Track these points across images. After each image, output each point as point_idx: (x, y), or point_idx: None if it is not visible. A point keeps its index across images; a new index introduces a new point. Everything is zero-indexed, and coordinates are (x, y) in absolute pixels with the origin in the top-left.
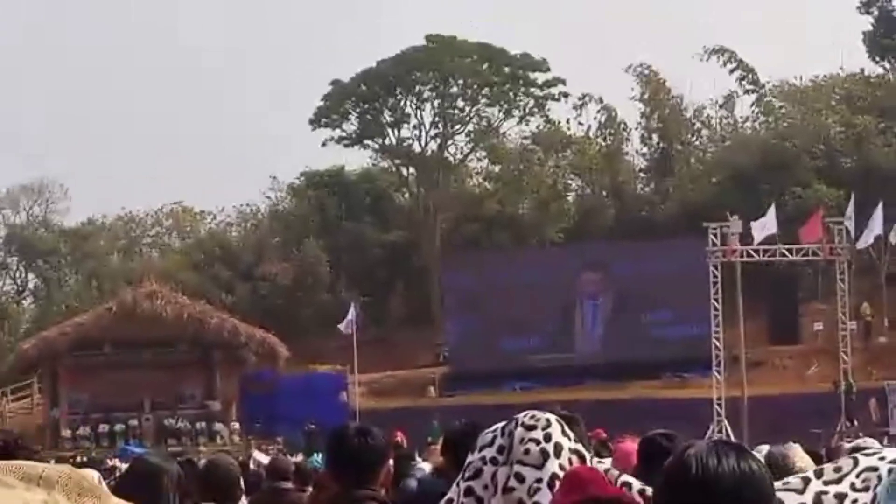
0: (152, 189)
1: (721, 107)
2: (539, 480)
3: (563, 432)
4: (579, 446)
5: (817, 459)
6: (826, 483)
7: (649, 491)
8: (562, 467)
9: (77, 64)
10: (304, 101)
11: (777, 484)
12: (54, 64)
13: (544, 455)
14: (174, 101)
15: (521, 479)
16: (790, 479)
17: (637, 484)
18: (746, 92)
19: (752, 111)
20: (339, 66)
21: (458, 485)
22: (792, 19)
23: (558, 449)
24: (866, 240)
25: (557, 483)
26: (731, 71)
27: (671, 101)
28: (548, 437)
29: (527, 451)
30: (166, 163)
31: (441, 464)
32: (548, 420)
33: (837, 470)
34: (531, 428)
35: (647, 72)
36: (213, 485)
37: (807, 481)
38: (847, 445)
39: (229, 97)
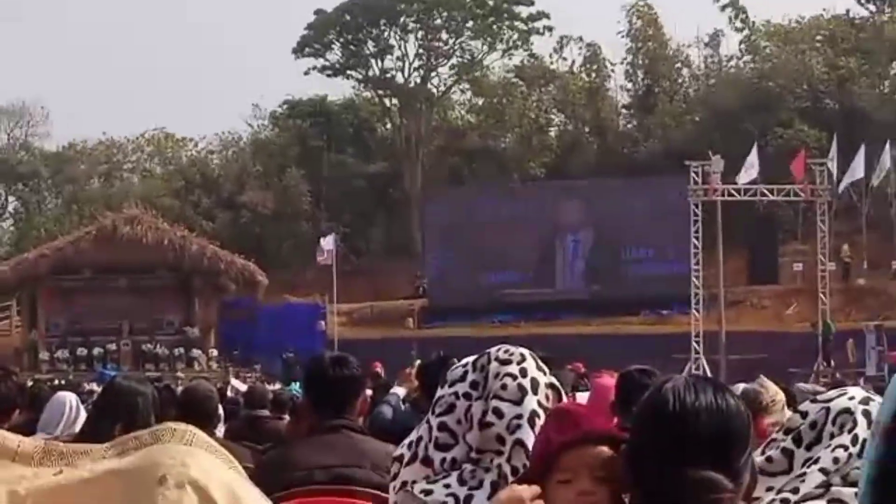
0: (134, 115)
1: (706, 45)
2: (519, 416)
3: (538, 367)
4: (554, 380)
5: (791, 398)
6: (809, 447)
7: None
8: (540, 403)
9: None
10: (288, 29)
11: (758, 460)
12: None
13: (522, 391)
14: (160, 28)
15: (499, 414)
16: (770, 454)
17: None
18: (736, 30)
19: (739, 49)
20: None
21: (428, 421)
22: None
23: (535, 384)
24: (848, 181)
25: (537, 420)
26: (723, 8)
27: (659, 38)
28: (524, 372)
29: (503, 387)
30: (149, 89)
31: (415, 389)
32: (522, 354)
33: (813, 426)
34: (506, 362)
35: (641, 5)
36: (191, 411)
37: (790, 454)
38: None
39: (214, 25)
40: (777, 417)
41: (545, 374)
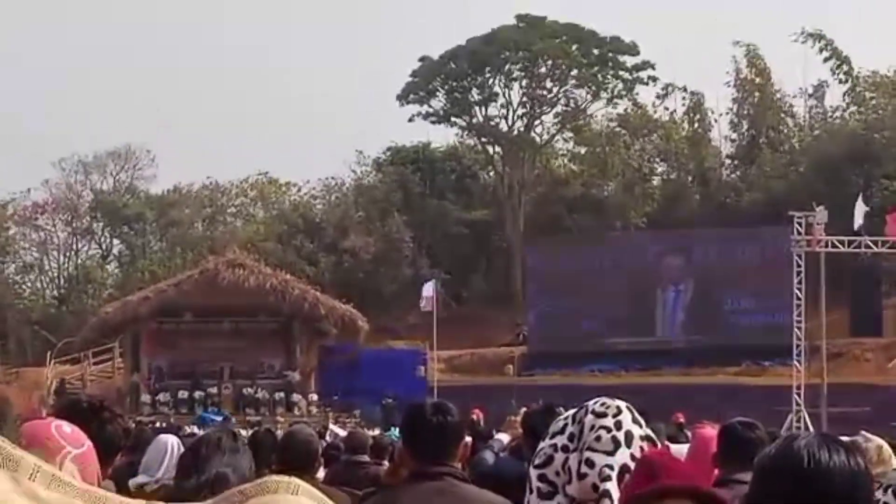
0: (239, 159)
1: (811, 96)
2: (610, 467)
3: (634, 419)
4: (650, 432)
5: None
6: None
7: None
8: (633, 457)
9: (170, 36)
10: (394, 77)
11: None
12: (149, 34)
13: (615, 443)
14: (265, 73)
15: (591, 464)
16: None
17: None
18: (839, 81)
19: (844, 101)
20: (429, 43)
21: (529, 473)
22: (888, 8)
23: (629, 437)
24: None
25: (627, 475)
26: (826, 59)
27: (766, 88)
28: (619, 425)
29: (598, 438)
30: (254, 134)
31: (519, 436)
32: (618, 407)
33: None
34: (601, 415)
35: (750, 54)
36: (292, 455)
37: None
38: None
39: (319, 70)
40: (885, 468)
41: (641, 426)
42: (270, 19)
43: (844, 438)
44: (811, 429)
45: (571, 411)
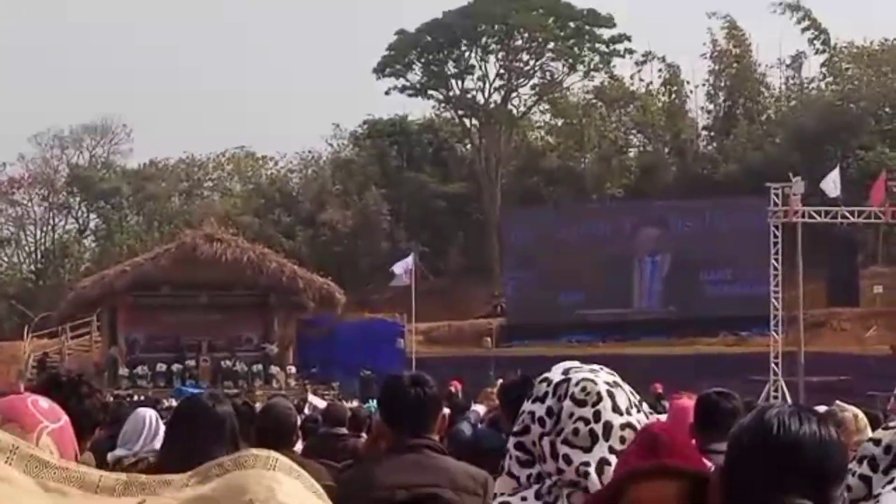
0: (215, 133)
1: (788, 66)
2: (586, 464)
3: (615, 407)
4: (633, 420)
5: (875, 422)
6: (885, 472)
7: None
8: (611, 449)
9: (148, 9)
10: (369, 49)
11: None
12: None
13: (593, 437)
14: (241, 47)
15: (568, 461)
16: (849, 482)
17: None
18: (816, 52)
19: (821, 72)
20: (405, 16)
21: (510, 443)
22: None
23: (608, 429)
24: None
25: (607, 468)
26: (804, 30)
27: (743, 59)
28: (597, 416)
29: (575, 431)
30: (231, 107)
31: (495, 407)
32: (598, 394)
33: (887, 450)
34: (581, 403)
35: (728, 25)
36: (270, 428)
37: (868, 480)
38: None
39: (295, 45)
40: (861, 437)
41: (621, 413)
42: None
43: (820, 408)
44: (788, 398)
45: (556, 377)
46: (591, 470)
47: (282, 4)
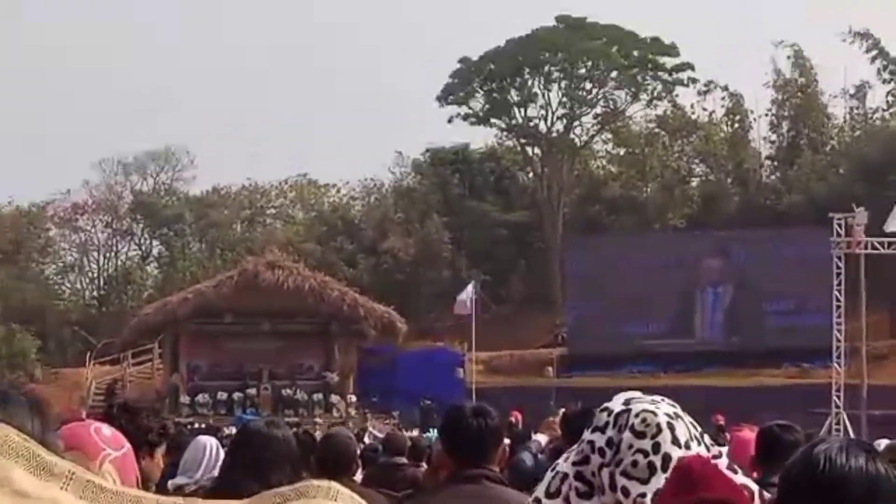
0: (278, 161)
1: (852, 96)
2: (643, 496)
3: (674, 439)
4: (691, 452)
5: None
6: None
7: (766, 495)
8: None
9: (209, 35)
10: (433, 78)
11: None
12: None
13: (651, 469)
14: (305, 74)
15: (626, 493)
16: None
17: (755, 488)
18: (884, 82)
19: (887, 101)
20: (469, 45)
21: (569, 470)
22: None
23: (666, 461)
24: None
25: None
26: (872, 59)
27: (807, 88)
28: (656, 448)
29: (634, 463)
30: (292, 135)
31: (557, 437)
32: (658, 426)
33: None
34: (640, 435)
35: (794, 55)
36: (331, 457)
37: None
38: None
39: (359, 72)
40: None
41: (680, 446)
42: (316, 23)
43: (882, 441)
44: (850, 431)
45: (616, 408)
46: (648, 501)
47: (346, 30)
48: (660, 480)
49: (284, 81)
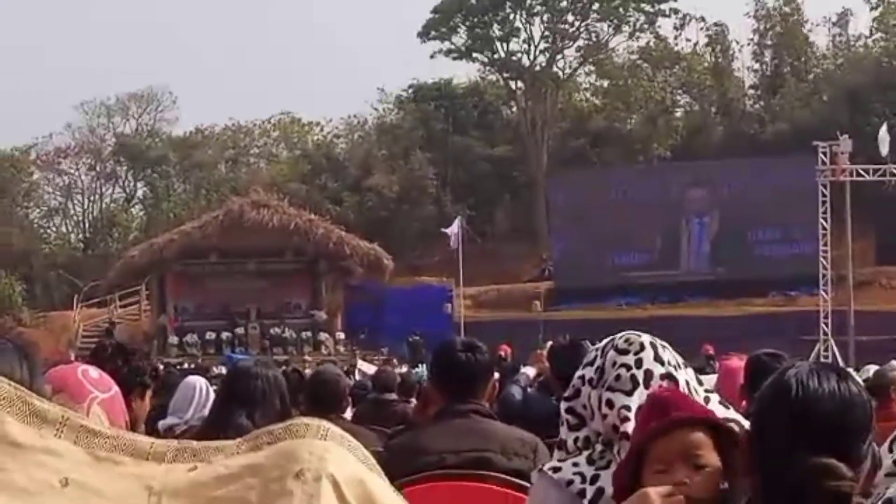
0: (260, 99)
1: (835, 24)
2: (627, 408)
3: (657, 357)
4: (672, 370)
5: None
6: None
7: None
8: None
9: None
10: (414, 13)
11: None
12: None
13: (634, 382)
14: (286, 12)
15: (610, 404)
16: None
17: (746, 424)
18: (872, 7)
19: (870, 28)
20: None
21: (561, 407)
22: None
23: (648, 376)
24: None
25: None
26: None
27: (790, 18)
28: (639, 363)
29: (618, 377)
30: (275, 73)
31: (545, 370)
32: (641, 344)
33: None
34: (623, 352)
35: None
36: (320, 395)
37: None
38: None
39: (339, 9)
40: None
41: (663, 364)
42: None
43: (871, 367)
44: (839, 358)
45: (602, 343)
46: (631, 415)
47: None
48: (643, 395)
49: (266, 19)
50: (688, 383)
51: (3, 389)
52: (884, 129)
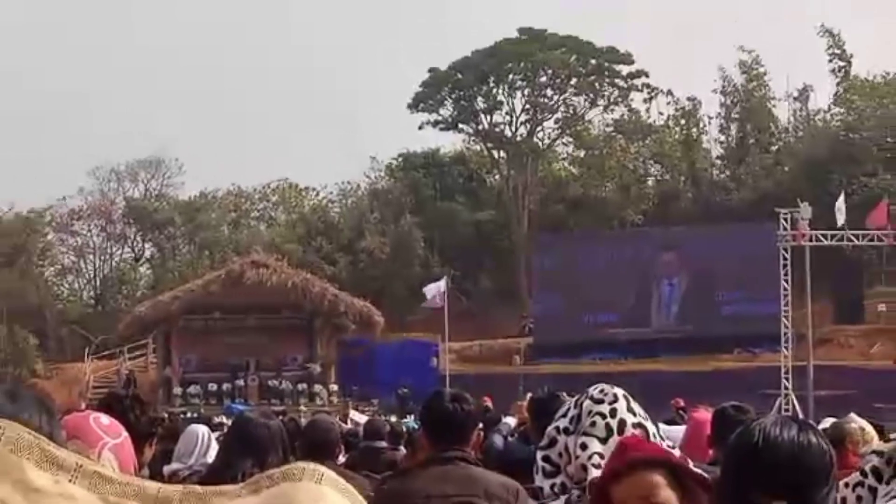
0: (260, 165)
1: (795, 99)
2: (601, 455)
3: (629, 408)
4: (643, 420)
5: (879, 431)
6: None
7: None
8: None
9: (192, 42)
10: (404, 87)
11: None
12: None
13: (608, 430)
14: (283, 86)
15: (584, 447)
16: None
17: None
18: (837, 84)
19: (830, 103)
20: (437, 56)
21: (538, 455)
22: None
23: (622, 425)
24: None
25: None
26: (831, 58)
27: (754, 93)
28: (613, 413)
29: (593, 424)
30: (273, 141)
31: (525, 420)
32: (615, 395)
33: (889, 462)
34: (599, 402)
35: (747, 62)
36: (315, 442)
37: (874, 491)
38: None
39: (335, 83)
40: (868, 447)
41: (635, 415)
42: (295, 44)
43: (829, 420)
44: (799, 411)
45: (576, 397)
46: (603, 463)
47: (321, 48)
48: (615, 443)
49: (265, 92)
50: (655, 434)
51: (22, 438)
52: (841, 198)
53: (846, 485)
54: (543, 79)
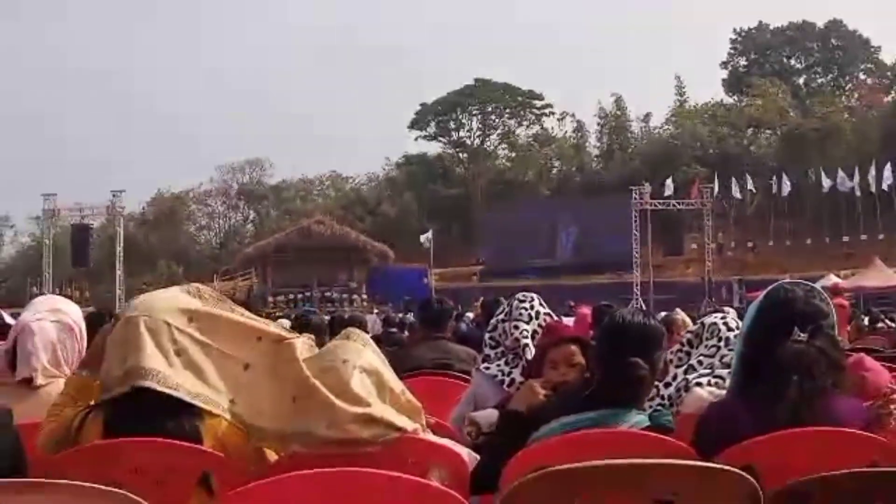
0: (319, 161)
1: (642, 120)
2: (526, 332)
3: (540, 304)
4: (549, 311)
5: (693, 319)
6: (696, 347)
7: None
8: (539, 325)
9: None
10: (404, 114)
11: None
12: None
13: (529, 317)
14: (334, 120)
15: (517, 328)
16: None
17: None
18: (677, 105)
19: (666, 122)
20: (426, 93)
21: (486, 335)
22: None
23: (537, 314)
24: (722, 197)
25: (537, 335)
26: (680, 90)
27: (619, 118)
28: (531, 306)
29: (520, 314)
30: (327, 145)
31: (478, 314)
32: (532, 297)
33: (696, 335)
34: (522, 301)
35: (615, 101)
36: (353, 326)
37: (688, 353)
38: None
39: (364, 114)
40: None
41: (544, 307)
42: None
43: (663, 314)
44: (643, 307)
45: (508, 300)
46: (529, 334)
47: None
48: (534, 324)
49: (326, 119)
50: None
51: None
52: (669, 180)
53: (671, 351)
54: (490, 109)
